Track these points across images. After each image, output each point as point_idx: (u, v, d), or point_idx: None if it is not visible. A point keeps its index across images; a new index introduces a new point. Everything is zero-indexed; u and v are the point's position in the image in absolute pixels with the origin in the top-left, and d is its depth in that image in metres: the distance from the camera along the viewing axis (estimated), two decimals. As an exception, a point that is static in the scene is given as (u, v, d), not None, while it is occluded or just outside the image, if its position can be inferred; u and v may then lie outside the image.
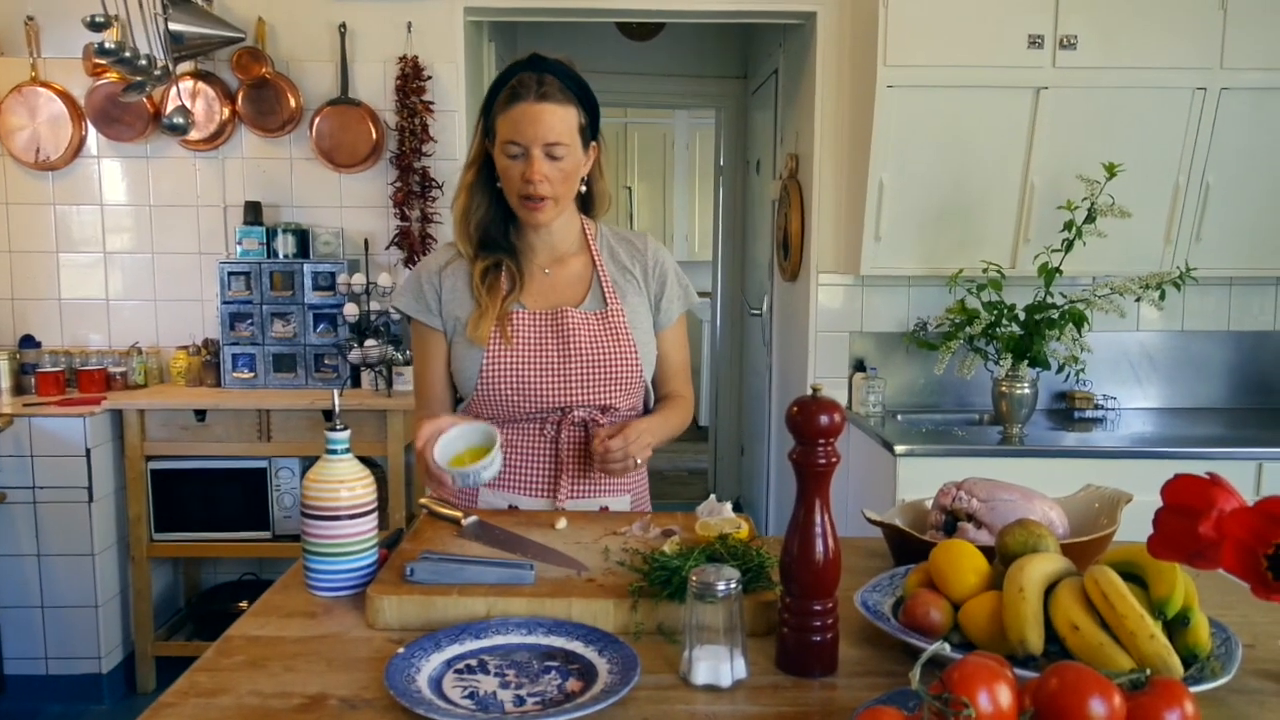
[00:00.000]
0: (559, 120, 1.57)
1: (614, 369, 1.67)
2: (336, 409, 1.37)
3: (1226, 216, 3.09)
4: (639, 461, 1.61)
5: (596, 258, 1.74)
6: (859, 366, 3.39)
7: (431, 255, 1.77)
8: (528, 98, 1.56)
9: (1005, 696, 0.78)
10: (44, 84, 3.33)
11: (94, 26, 2.80)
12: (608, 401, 1.68)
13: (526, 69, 1.58)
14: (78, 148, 3.39)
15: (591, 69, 1.64)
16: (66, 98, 3.35)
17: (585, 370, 1.66)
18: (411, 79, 3.34)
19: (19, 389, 3.32)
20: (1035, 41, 2.90)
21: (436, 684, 1.04)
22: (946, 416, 3.29)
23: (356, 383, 3.37)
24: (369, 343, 3.24)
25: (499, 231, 1.70)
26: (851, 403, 3.35)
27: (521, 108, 1.56)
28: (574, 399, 1.66)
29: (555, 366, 1.65)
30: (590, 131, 1.64)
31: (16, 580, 3.04)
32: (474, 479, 1.48)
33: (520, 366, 1.65)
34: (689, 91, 5.23)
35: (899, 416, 3.27)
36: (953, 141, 3.03)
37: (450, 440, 1.51)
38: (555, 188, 1.60)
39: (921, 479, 2.67)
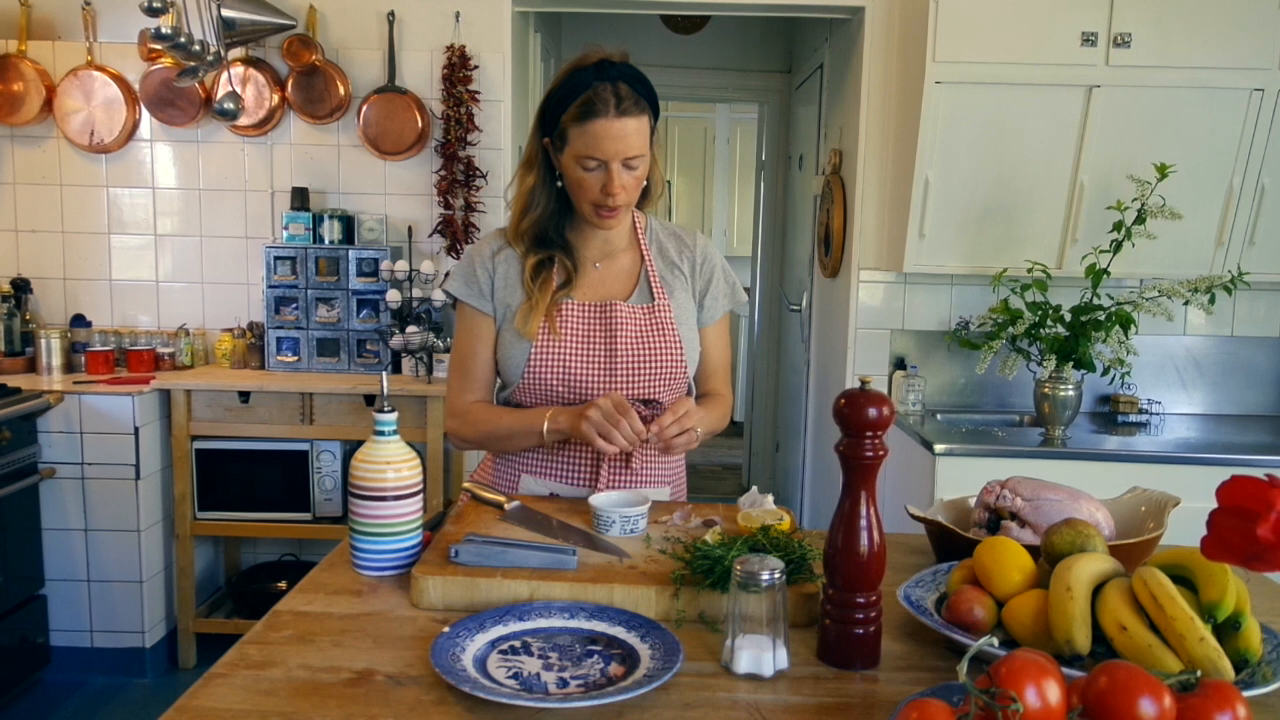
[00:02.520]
0: (636, 134, 1.56)
1: (658, 363, 1.67)
2: (384, 391, 1.39)
3: (1282, 221, 3.03)
4: (700, 433, 1.59)
5: (645, 253, 1.75)
6: (899, 364, 3.37)
7: (483, 241, 1.77)
8: (607, 114, 1.53)
9: (1054, 693, 0.78)
10: (99, 68, 3.40)
11: (150, 12, 2.85)
12: (651, 394, 1.68)
13: (596, 77, 1.55)
14: (131, 131, 3.45)
15: (636, 62, 1.62)
16: (121, 82, 3.41)
17: (630, 363, 1.66)
18: (458, 69, 3.36)
19: (69, 367, 3.39)
20: (1089, 39, 2.86)
21: (481, 663, 1.05)
22: (987, 417, 3.26)
23: (397, 368, 3.41)
24: (411, 329, 3.27)
25: (554, 229, 1.69)
26: (890, 401, 3.33)
27: (602, 124, 1.53)
28: (618, 391, 1.65)
29: (601, 359, 1.66)
30: (653, 130, 1.63)
31: (64, 554, 3.11)
32: (630, 526, 1.44)
33: (567, 358, 1.65)
34: (733, 85, 5.21)
35: (939, 416, 3.25)
36: (1001, 139, 2.99)
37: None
38: (630, 195, 1.61)
39: (961, 479, 2.65)
